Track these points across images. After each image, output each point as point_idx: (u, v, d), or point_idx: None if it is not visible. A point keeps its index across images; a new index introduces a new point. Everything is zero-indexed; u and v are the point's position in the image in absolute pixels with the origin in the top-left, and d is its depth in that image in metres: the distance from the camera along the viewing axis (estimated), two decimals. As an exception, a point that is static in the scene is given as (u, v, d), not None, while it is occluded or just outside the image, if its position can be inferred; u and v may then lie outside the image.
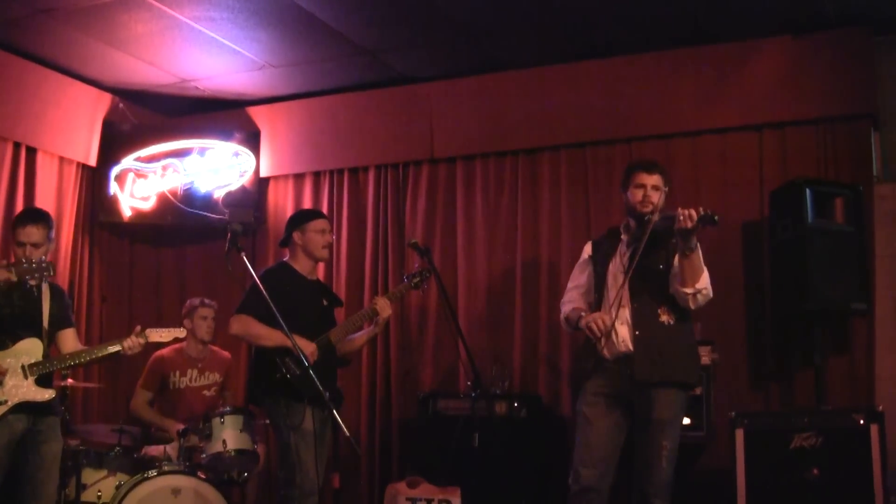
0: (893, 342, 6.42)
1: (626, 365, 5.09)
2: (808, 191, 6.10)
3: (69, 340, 5.41)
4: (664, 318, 5.13)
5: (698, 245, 5.00)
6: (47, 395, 5.14)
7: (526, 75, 7.40)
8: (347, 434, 4.76)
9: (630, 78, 7.06)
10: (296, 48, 7.11)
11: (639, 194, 5.23)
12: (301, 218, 5.98)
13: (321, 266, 6.98)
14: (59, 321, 5.37)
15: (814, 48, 6.63)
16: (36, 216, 5.38)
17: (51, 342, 5.32)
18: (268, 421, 5.86)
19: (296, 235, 5.84)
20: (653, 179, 5.24)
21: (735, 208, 6.73)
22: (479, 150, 7.54)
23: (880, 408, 5.62)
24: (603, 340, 5.14)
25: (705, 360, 6.09)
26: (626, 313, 5.14)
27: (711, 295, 5.12)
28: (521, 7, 6.47)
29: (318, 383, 4.96)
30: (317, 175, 8.06)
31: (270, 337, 5.47)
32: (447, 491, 6.22)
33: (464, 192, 7.57)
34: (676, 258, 5.05)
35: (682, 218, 4.83)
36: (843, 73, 6.53)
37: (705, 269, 5.09)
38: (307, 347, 5.42)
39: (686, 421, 5.98)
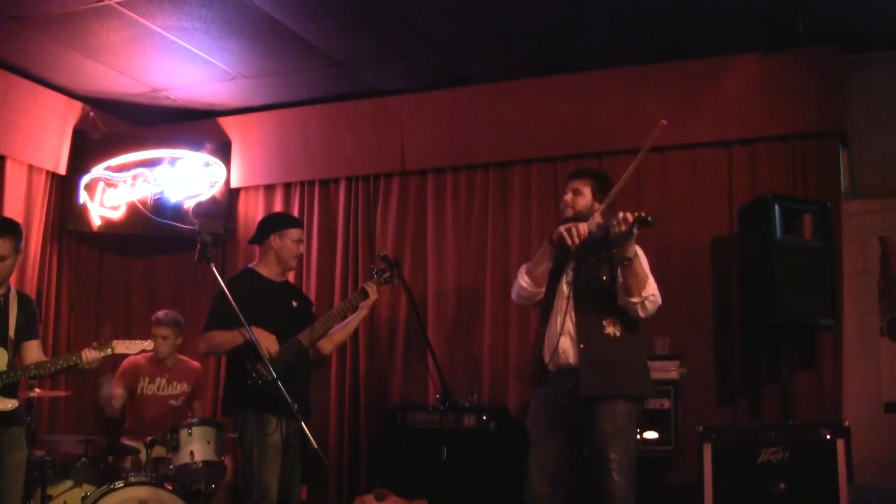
0: (860, 358, 6.48)
1: (569, 377, 4.98)
2: (776, 206, 6.14)
3: (32, 352, 5.33)
4: (610, 329, 4.97)
5: (639, 253, 4.89)
6: (10, 405, 5.09)
7: (497, 89, 7.41)
8: (315, 446, 4.64)
9: (601, 93, 7.09)
10: (268, 59, 7.10)
11: (562, 201, 5.29)
12: (282, 222, 5.87)
13: (291, 273, 6.95)
14: (25, 332, 5.30)
15: (783, 65, 6.68)
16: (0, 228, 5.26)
17: (16, 352, 5.26)
18: (235, 434, 5.77)
19: (273, 238, 5.70)
20: (574, 184, 5.24)
21: (704, 223, 6.80)
22: (450, 162, 7.55)
23: (847, 423, 5.68)
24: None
25: (673, 374, 6.13)
26: (570, 326, 5.02)
27: (660, 301, 4.98)
28: (493, 21, 6.48)
29: (284, 392, 4.77)
30: (287, 186, 8.05)
31: (232, 338, 5.33)
32: (415, 504, 6.22)
33: (434, 205, 7.57)
34: (619, 269, 4.93)
35: (615, 222, 4.73)
36: (813, 90, 6.59)
37: (650, 275, 4.96)
38: (266, 338, 5.31)
39: (653, 435, 6.03)
